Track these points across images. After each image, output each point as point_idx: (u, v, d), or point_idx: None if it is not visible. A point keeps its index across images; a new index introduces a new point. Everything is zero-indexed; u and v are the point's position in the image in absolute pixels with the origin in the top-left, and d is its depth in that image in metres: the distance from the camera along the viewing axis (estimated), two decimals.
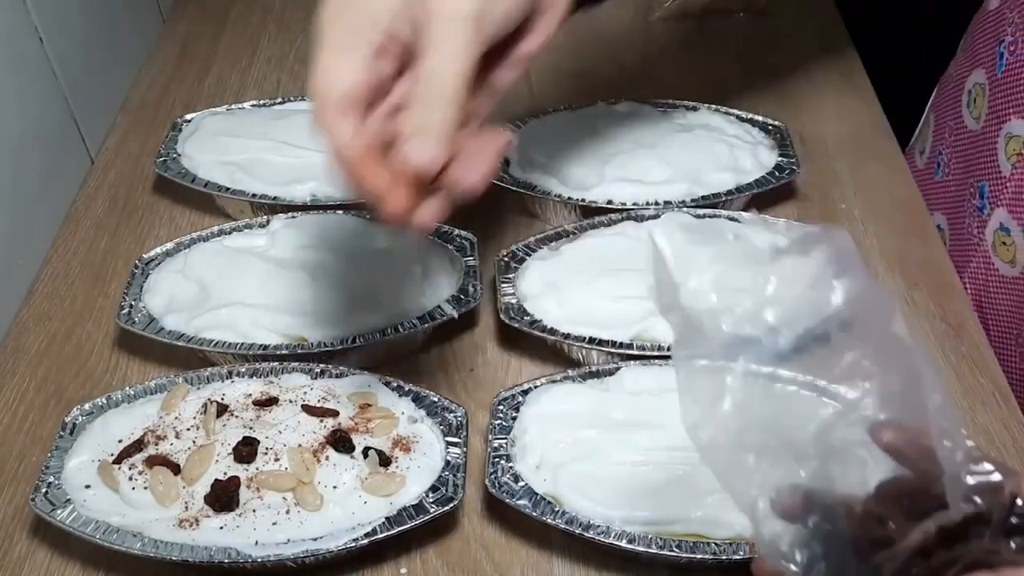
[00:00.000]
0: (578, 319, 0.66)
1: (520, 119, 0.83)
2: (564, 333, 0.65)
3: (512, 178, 0.78)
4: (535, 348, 0.68)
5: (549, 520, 0.54)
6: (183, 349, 0.65)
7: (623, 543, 0.53)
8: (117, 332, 0.71)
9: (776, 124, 0.83)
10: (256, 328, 0.65)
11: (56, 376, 0.69)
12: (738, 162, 0.78)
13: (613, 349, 0.64)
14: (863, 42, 1.00)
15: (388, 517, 0.55)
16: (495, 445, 0.58)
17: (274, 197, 0.76)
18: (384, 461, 0.58)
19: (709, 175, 0.77)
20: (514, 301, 0.68)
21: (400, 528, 0.54)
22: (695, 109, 0.85)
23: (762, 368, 0.42)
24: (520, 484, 0.56)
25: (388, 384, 0.62)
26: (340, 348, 0.64)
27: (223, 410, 0.60)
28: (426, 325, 0.66)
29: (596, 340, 0.64)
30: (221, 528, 0.54)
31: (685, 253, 0.47)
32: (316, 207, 0.76)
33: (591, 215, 0.75)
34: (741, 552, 0.52)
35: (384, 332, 0.65)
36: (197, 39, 1.05)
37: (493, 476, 0.56)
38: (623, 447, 0.57)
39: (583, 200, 0.75)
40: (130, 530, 0.54)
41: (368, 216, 0.56)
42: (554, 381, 0.62)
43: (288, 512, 0.55)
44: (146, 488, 0.56)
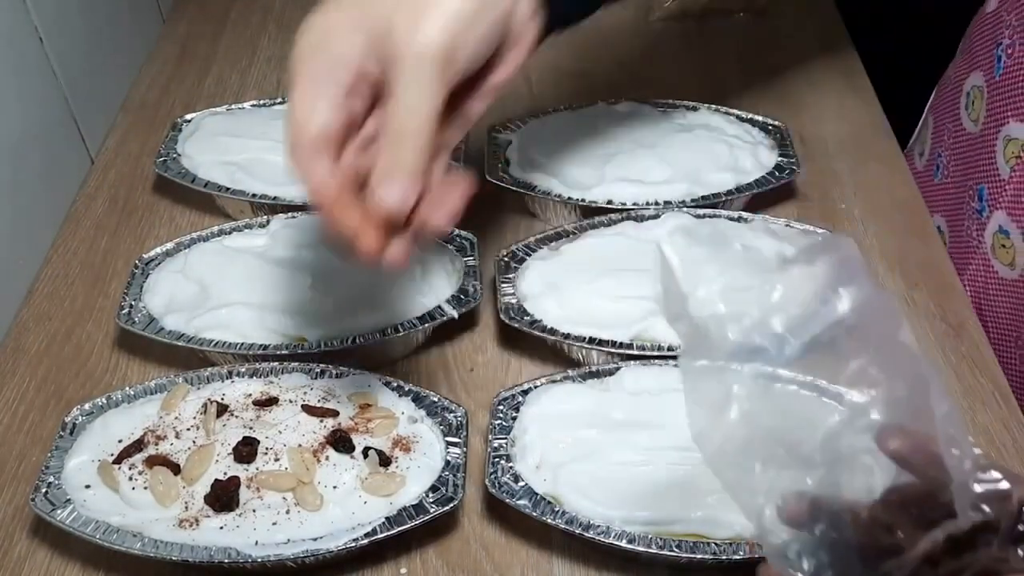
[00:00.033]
0: (578, 319, 0.66)
1: (520, 119, 0.83)
2: (564, 333, 0.65)
3: (512, 178, 0.78)
4: (535, 348, 0.68)
5: (549, 520, 0.54)
6: (183, 349, 0.65)
7: (623, 543, 0.53)
8: (117, 332, 0.71)
9: (776, 124, 0.83)
10: (256, 328, 0.65)
11: (56, 376, 0.68)
12: (738, 162, 0.78)
13: (613, 349, 0.64)
14: (863, 42, 1.00)
15: (388, 517, 0.55)
16: (495, 445, 0.58)
17: (274, 197, 0.76)
18: (384, 461, 0.58)
19: (709, 175, 0.77)
20: (514, 301, 0.68)
21: (400, 528, 0.54)
22: (695, 109, 0.85)
23: (769, 375, 0.43)
24: (520, 484, 0.56)
25: (388, 384, 0.62)
26: (340, 348, 0.64)
27: (223, 410, 0.60)
28: (426, 325, 0.66)
29: (596, 340, 0.64)
30: (221, 528, 0.54)
31: (693, 263, 0.47)
32: None
33: (591, 215, 0.75)
34: (741, 552, 0.52)
35: (384, 332, 0.65)
36: (197, 39, 1.05)
37: (493, 476, 0.56)
38: (623, 447, 0.57)
39: (583, 200, 0.75)
40: (130, 530, 0.54)
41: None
42: (554, 381, 0.62)
43: (288, 512, 0.55)
44: (146, 488, 0.56)
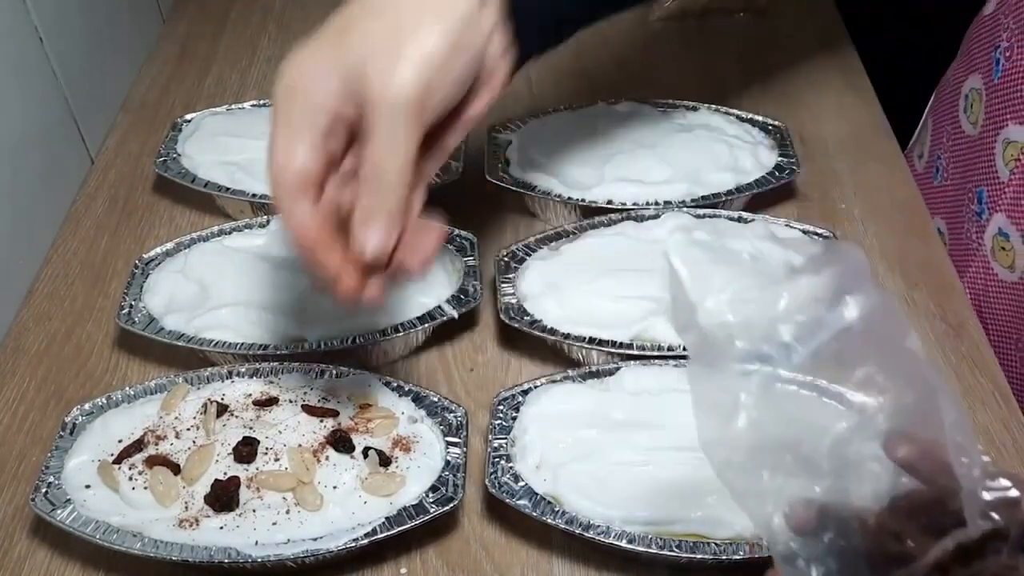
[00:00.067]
0: (578, 319, 0.66)
1: (520, 119, 0.83)
2: (564, 333, 0.65)
3: (512, 178, 0.78)
4: (535, 348, 0.68)
5: (549, 520, 0.54)
6: (183, 349, 0.65)
7: (623, 543, 0.53)
8: (117, 332, 0.71)
9: (776, 124, 0.83)
10: (256, 328, 0.65)
11: (56, 376, 0.68)
12: (738, 162, 0.78)
13: (613, 349, 0.64)
14: (863, 42, 1.00)
15: (388, 517, 0.55)
16: (495, 445, 0.58)
17: None
18: (384, 461, 0.58)
19: (709, 175, 0.77)
20: (514, 301, 0.68)
21: (400, 528, 0.54)
22: (695, 109, 0.85)
23: (776, 383, 0.43)
24: (520, 484, 0.56)
25: (388, 384, 0.62)
26: (340, 348, 0.64)
27: (223, 410, 0.60)
28: (426, 325, 0.66)
29: (596, 340, 0.64)
30: (221, 528, 0.54)
31: (701, 273, 0.48)
32: None
33: (591, 215, 0.75)
34: (741, 552, 0.52)
35: (384, 332, 0.65)
36: (197, 39, 1.05)
37: (493, 476, 0.56)
38: (623, 447, 0.57)
39: (583, 200, 0.75)
40: (130, 530, 0.54)
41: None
42: (554, 381, 0.62)
43: (288, 512, 0.55)
44: (146, 488, 0.56)
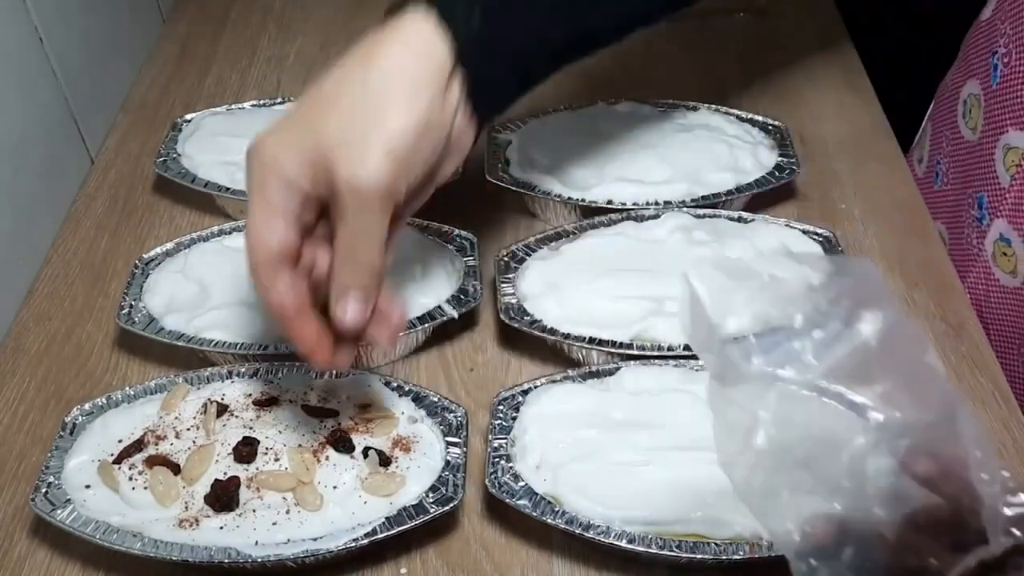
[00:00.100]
0: (578, 319, 0.66)
1: (520, 119, 0.83)
2: (564, 333, 0.65)
3: (512, 178, 0.78)
4: (535, 348, 0.68)
5: (549, 520, 0.54)
6: (183, 349, 0.65)
7: (623, 543, 0.53)
8: (117, 332, 0.71)
9: (776, 124, 0.83)
10: (257, 328, 0.65)
11: (56, 376, 0.68)
12: (738, 162, 0.78)
13: (613, 349, 0.64)
14: (863, 42, 1.00)
15: (388, 517, 0.55)
16: (495, 445, 0.58)
17: None
18: (384, 461, 0.58)
19: (709, 175, 0.77)
20: (514, 301, 0.68)
21: (400, 528, 0.54)
22: (695, 109, 0.85)
23: (794, 399, 0.43)
24: (520, 484, 0.56)
25: (388, 384, 0.62)
26: None
27: (223, 410, 0.60)
28: (426, 325, 0.66)
29: (596, 340, 0.64)
30: (221, 528, 0.54)
31: (720, 293, 0.48)
32: None
33: (591, 215, 0.75)
34: (741, 552, 0.52)
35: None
36: (197, 39, 1.05)
37: (493, 476, 0.56)
38: (623, 447, 0.57)
39: (583, 200, 0.75)
40: (130, 530, 0.54)
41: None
42: (554, 381, 0.62)
43: (288, 512, 0.55)
44: (146, 488, 0.56)
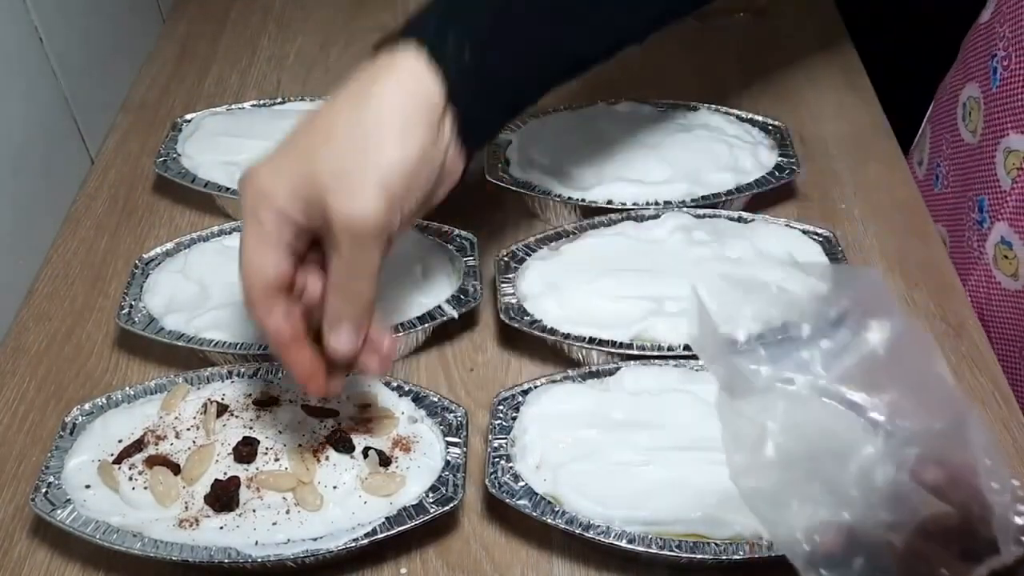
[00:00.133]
0: (578, 319, 0.66)
1: (520, 119, 0.83)
2: (564, 333, 0.65)
3: (512, 178, 0.78)
4: (535, 348, 0.68)
5: (549, 520, 0.54)
6: (183, 349, 0.65)
7: (623, 543, 0.53)
8: (117, 332, 0.71)
9: (776, 124, 0.83)
10: (256, 328, 0.65)
11: (56, 376, 0.68)
12: (738, 162, 0.78)
13: (613, 349, 0.64)
14: (863, 42, 1.00)
15: (388, 517, 0.55)
16: (495, 445, 0.58)
17: None
18: (384, 461, 0.58)
19: (709, 175, 0.77)
20: (514, 301, 0.68)
21: (400, 528, 0.54)
22: (695, 109, 0.85)
23: (803, 408, 0.43)
24: (520, 484, 0.56)
25: (388, 384, 0.62)
26: None
27: (223, 410, 0.60)
28: (426, 325, 0.66)
29: (596, 340, 0.64)
30: (221, 528, 0.54)
31: (729, 305, 0.48)
32: None
33: (591, 215, 0.75)
34: (741, 552, 0.52)
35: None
36: (197, 39, 1.05)
37: (493, 476, 0.56)
38: (623, 447, 0.57)
39: (583, 200, 0.75)
40: (130, 530, 0.54)
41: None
42: (554, 381, 0.62)
43: (288, 512, 0.55)
44: (146, 488, 0.56)
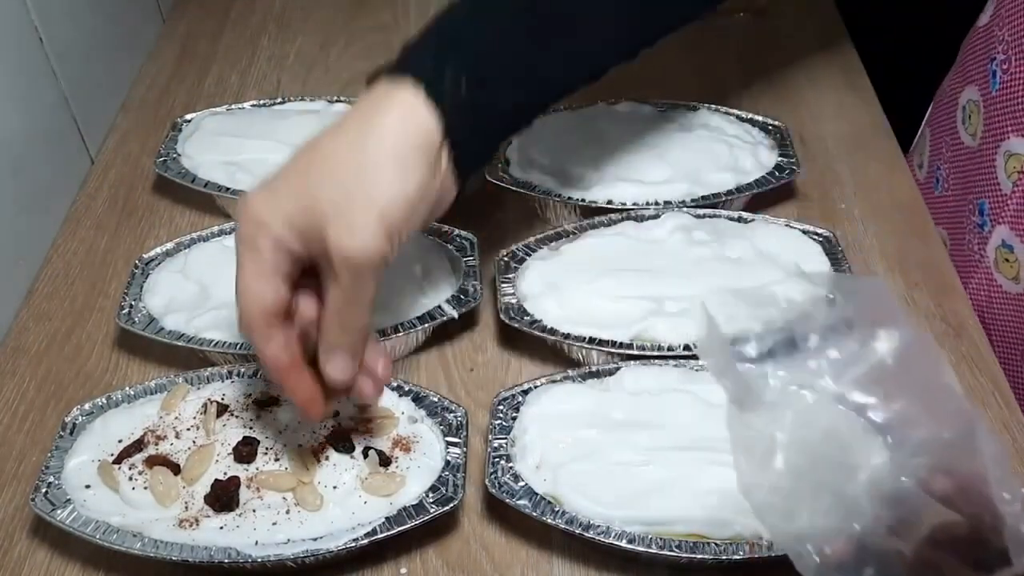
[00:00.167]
0: (578, 319, 0.66)
1: None
2: (564, 333, 0.65)
3: (512, 178, 0.78)
4: (535, 348, 0.68)
5: (549, 520, 0.54)
6: (183, 349, 0.65)
7: (623, 543, 0.53)
8: (117, 332, 0.71)
9: (776, 124, 0.83)
10: None
11: (56, 376, 0.68)
12: (738, 162, 0.78)
13: (613, 349, 0.64)
14: (863, 42, 1.00)
15: (388, 517, 0.55)
16: (495, 445, 0.58)
17: None
18: (384, 461, 0.58)
19: (709, 175, 0.77)
20: (514, 301, 0.68)
21: (400, 528, 0.54)
22: (695, 109, 0.85)
23: (811, 419, 0.43)
24: (520, 484, 0.56)
25: (388, 384, 0.62)
26: None
27: (223, 410, 0.60)
28: (426, 325, 0.66)
29: (596, 340, 0.64)
30: (221, 528, 0.54)
31: (737, 320, 0.48)
32: None
33: (591, 215, 0.75)
34: (741, 552, 0.52)
35: (384, 332, 0.65)
36: (197, 39, 1.05)
37: (493, 476, 0.56)
38: (623, 447, 0.57)
39: (583, 200, 0.75)
40: (130, 530, 0.54)
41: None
42: (554, 381, 0.62)
43: (288, 512, 0.55)
44: (146, 488, 0.56)
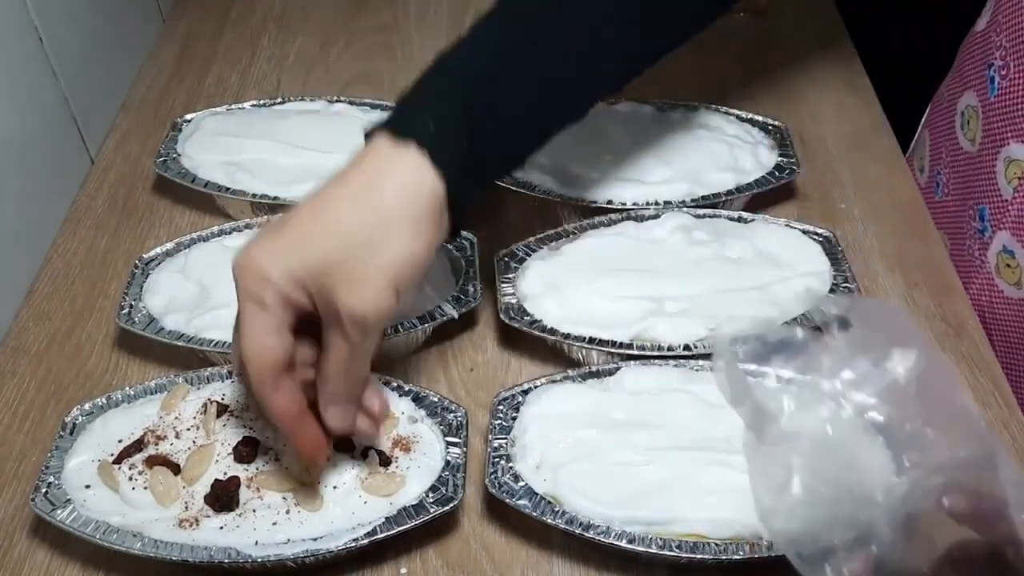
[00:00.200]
0: (578, 319, 0.66)
1: None
2: (564, 333, 0.65)
3: (512, 178, 0.77)
4: (535, 348, 0.68)
5: (549, 520, 0.54)
6: (183, 349, 0.65)
7: (623, 543, 0.53)
8: (117, 332, 0.71)
9: (776, 124, 0.83)
10: None
11: (56, 376, 0.68)
12: (738, 162, 0.78)
13: (613, 349, 0.64)
14: (863, 42, 1.00)
15: (388, 517, 0.55)
16: (495, 445, 0.58)
17: (274, 197, 0.76)
18: (384, 461, 0.58)
19: (709, 175, 0.77)
20: (514, 301, 0.68)
21: (400, 528, 0.54)
22: (695, 109, 0.85)
23: (828, 441, 0.43)
24: (520, 484, 0.56)
25: (388, 384, 0.62)
26: None
27: (223, 410, 0.60)
28: (426, 325, 0.66)
29: (596, 340, 0.64)
30: (221, 528, 0.54)
31: (755, 355, 0.48)
32: None
33: (591, 215, 0.75)
34: (741, 552, 0.52)
35: (384, 332, 0.65)
36: (197, 39, 1.05)
37: (493, 476, 0.56)
38: (623, 447, 0.57)
39: (583, 200, 0.75)
40: (130, 530, 0.54)
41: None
42: (554, 381, 0.62)
43: (288, 512, 0.55)
44: (146, 488, 0.56)
